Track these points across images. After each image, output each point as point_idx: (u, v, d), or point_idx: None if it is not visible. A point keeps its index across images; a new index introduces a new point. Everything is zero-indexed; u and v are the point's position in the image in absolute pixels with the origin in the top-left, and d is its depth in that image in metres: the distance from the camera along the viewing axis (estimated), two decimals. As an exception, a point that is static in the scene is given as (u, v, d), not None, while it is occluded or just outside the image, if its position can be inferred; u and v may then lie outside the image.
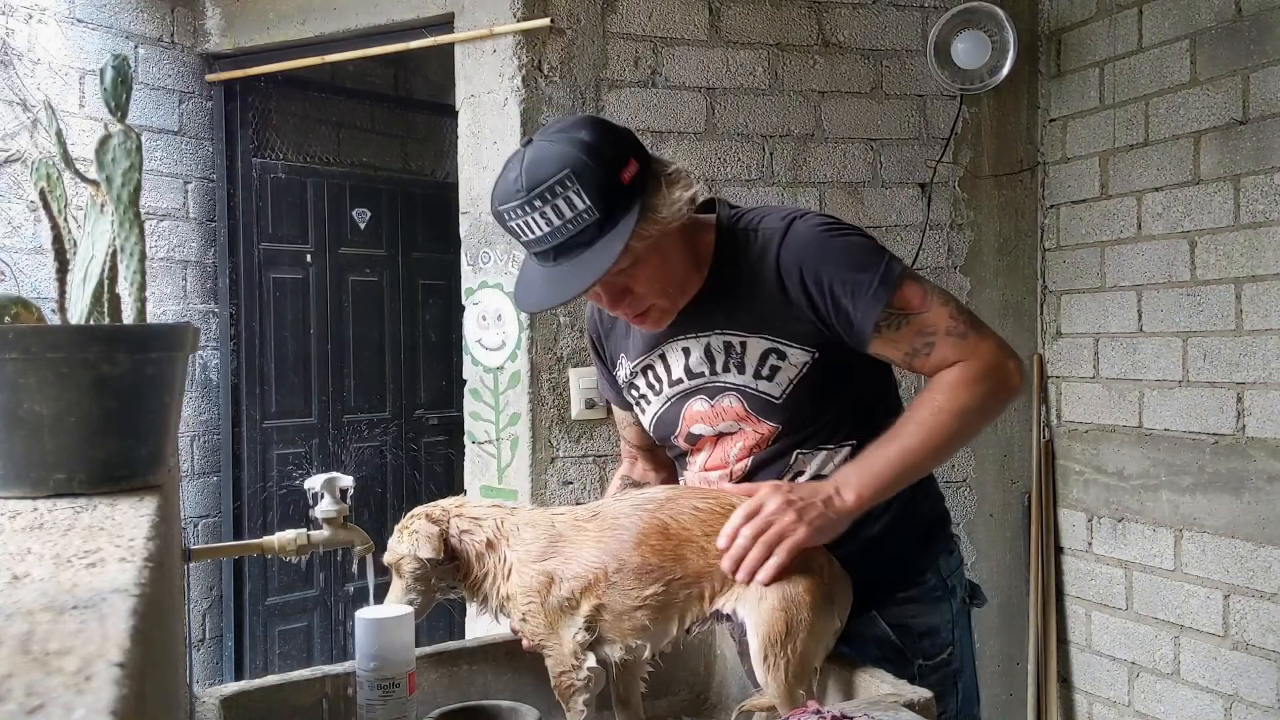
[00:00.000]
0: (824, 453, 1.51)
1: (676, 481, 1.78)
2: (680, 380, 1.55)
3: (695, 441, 1.57)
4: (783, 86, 3.10)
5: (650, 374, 1.59)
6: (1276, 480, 2.69)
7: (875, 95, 3.18)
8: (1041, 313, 3.39)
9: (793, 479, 1.50)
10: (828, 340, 1.46)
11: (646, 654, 1.39)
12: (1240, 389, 2.78)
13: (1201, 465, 2.88)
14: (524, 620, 1.39)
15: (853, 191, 3.16)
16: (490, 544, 1.41)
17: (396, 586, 1.44)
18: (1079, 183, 3.25)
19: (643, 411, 1.63)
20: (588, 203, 1.32)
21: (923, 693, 1.31)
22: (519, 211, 1.35)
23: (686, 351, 1.53)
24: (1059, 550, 3.35)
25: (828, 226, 1.47)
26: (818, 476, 1.50)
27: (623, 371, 1.63)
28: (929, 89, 3.20)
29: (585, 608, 1.36)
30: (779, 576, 1.30)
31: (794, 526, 1.31)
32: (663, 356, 1.56)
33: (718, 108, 3.05)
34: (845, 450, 1.51)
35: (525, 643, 1.44)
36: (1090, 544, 3.25)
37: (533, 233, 1.36)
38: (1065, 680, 3.34)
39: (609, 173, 1.33)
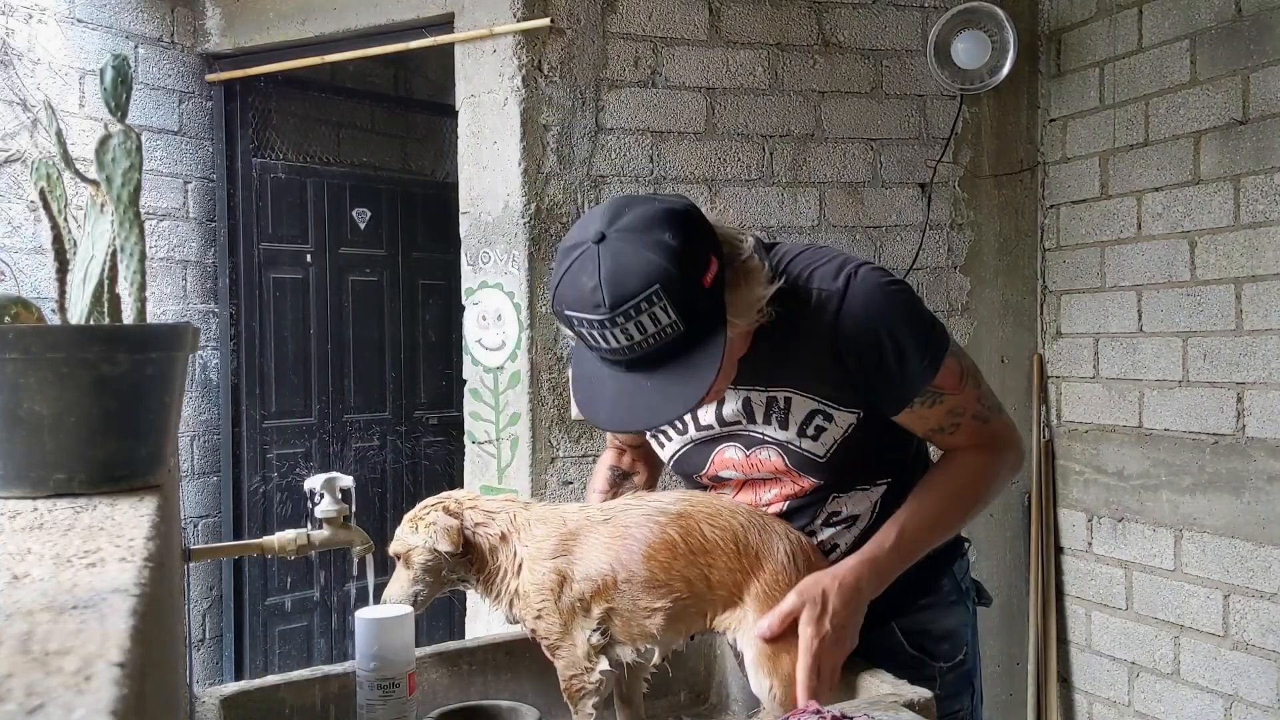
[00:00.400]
0: (860, 492, 1.49)
1: (659, 475, 1.76)
2: (710, 426, 1.49)
3: (721, 481, 1.54)
4: (783, 86, 3.10)
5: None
6: (1276, 480, 2.69)
7: (875, 95, 3.18)
8: (1041, 313, 3.39)
9: (827, 519, 1.49)
10: (872, 400, 1.43)
11: (656, 658, 1.39)
12: (1240, 389, 2.78)
13: (1201, 465, 2.88)
14: (538, 618, 1.39)
15: (853, 191, 3.16)
16: (503, 538, 1.41)
17: (402, 577, 1.43)
18: (1079, 183, 3.25)
19: (660, 446, 1.57)
20: (673, 317, 1.21)
21: (923, 693, 1.31)
22: (596, 325, 1.22)
23: (720, 400, 1.47)
24: (1059, 550, 3.35)
25: (887, 287, 1.40)
26: (851, 517, 1.48)
27: None
28: (929, 89, 3.20)
29: (597, 611, 1.36)
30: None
31: (841, 653, 1.34)
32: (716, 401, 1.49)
33: (718, 108, 3.05)
34: (881, 488, 1.49)
35: (532, 636, 1.44)
36: (1090, 544, 3.25)
37: (606, 344, 1.24)
38: (1065, 680, 3.34)
39: (694, 281, 1.22)
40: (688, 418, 1.51)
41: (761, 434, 1.46)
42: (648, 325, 1.21)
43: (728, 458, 1.50)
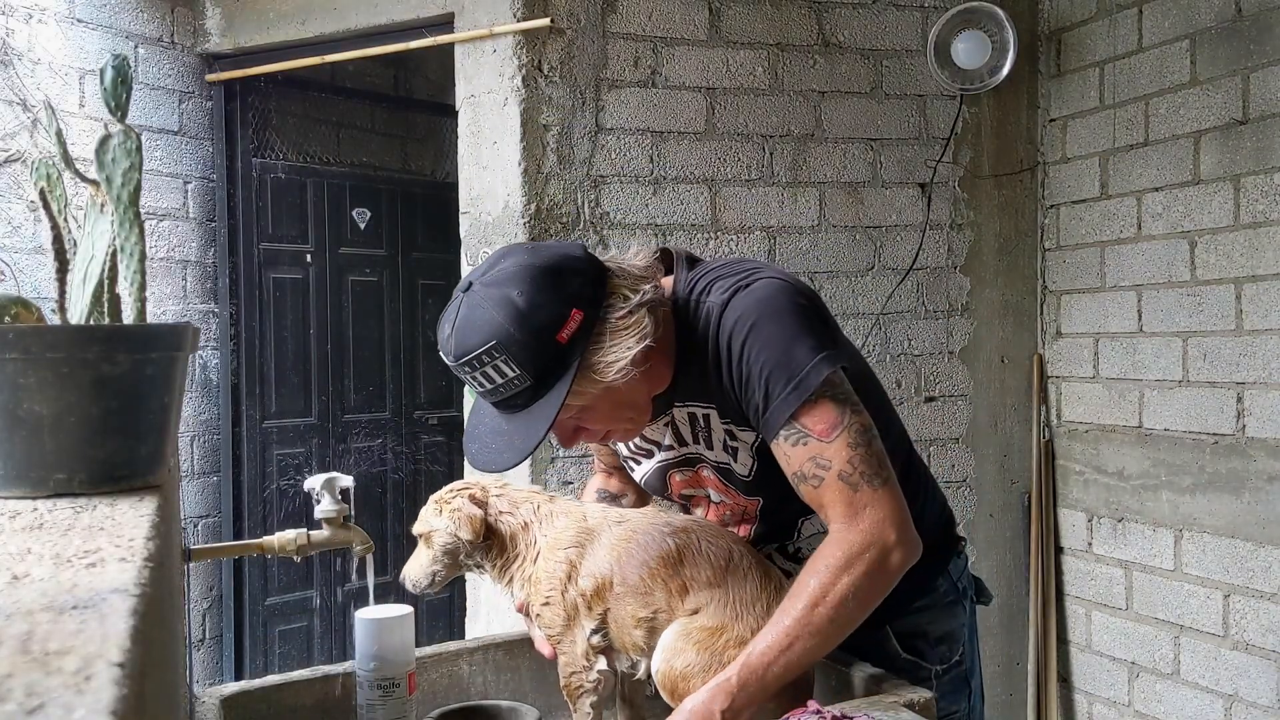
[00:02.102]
0: None
1: (649, 498, 1.75)
2: (671, 447, 1.51)
3: (689, 499, 1.56)
4: (783, 86, 3.10)
5: (630, 443, 1.55)
6: (1276, 480, 2.69)
7: (875, 95, 3.18)
8: (1041, 313, 3.39)
9: (810, 537, 1.49)
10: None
11: (641, 672, 1.39)
12: (1240, 389, 2.78)
13: (1201, 465, 2.88)
14: (546, 604, 1.39)
15: (853, 191, 3.16)
16: (525, 526, 1.42)
17: (422, 556, 1.44)
18: (1079, 183, 3.25)
19: (632, 470, 1.60)
20: (517, 371, 1.26)
21: (923, 693, 1.31)
22: (460, 371, 1.29)
23: (669, 423, 1.48)
24: (1059, 550, 3.35)
25: (770, 302, 1.34)
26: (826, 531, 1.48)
27: None
28: (929, 89, 3.20)
29: (597, 610, 1.37)
30: None
31: None
32: (665, 424, 1.50)
33: (718, 108, 3.04)
34: None
35: (537, 636, 1.44)
36: (1090, 544, 3.25)
37: (476, 386, 1.31)
38: (1065, 680, 3.34)
39: (541, 338, 1.25)
40: (652, 442, 1.52)
41: (696, 454, 1.48)
42: (494, 376, 1.27)
43: (679, 480, 1.52)
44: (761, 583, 1.34)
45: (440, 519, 1.42)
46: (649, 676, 1.38)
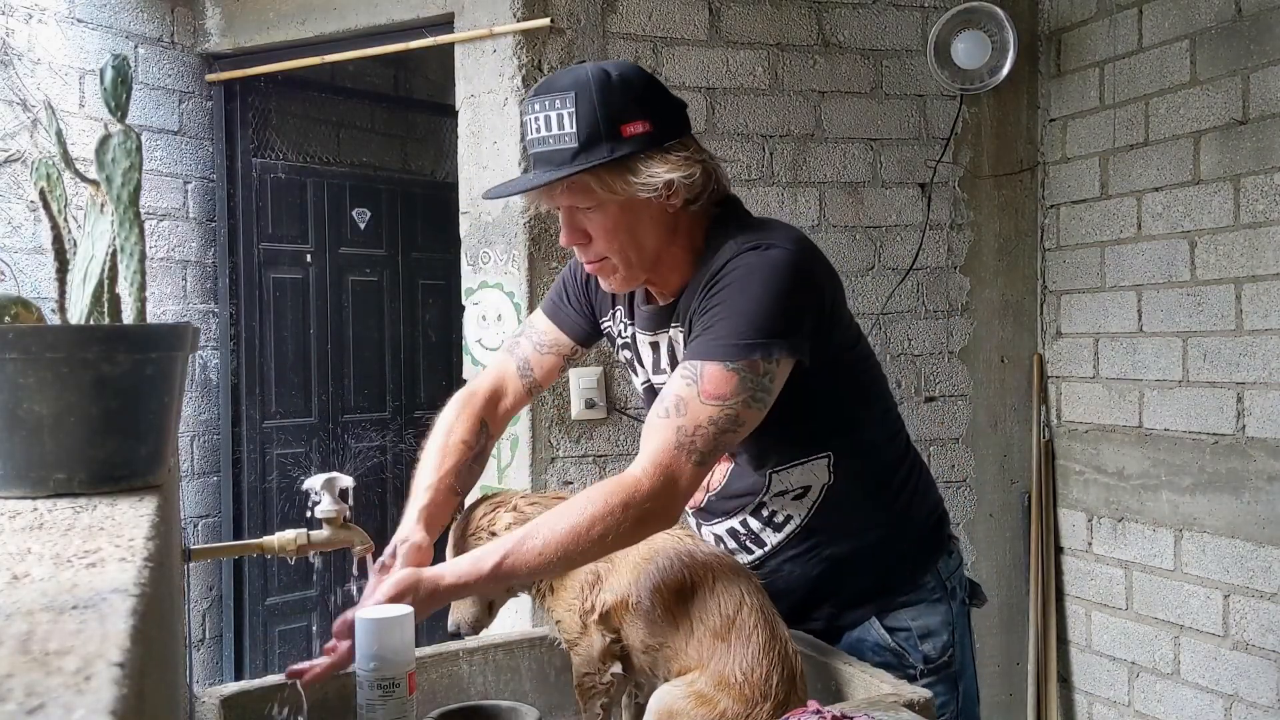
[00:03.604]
0: (800, 467, 1.50)
1: (487, 441, 1.75)
2: (665, 371, 1.54)
3: None
4: (783, 86, 3.10)
5: (632, 352, 1.61)
6: (1276, 480, 2.69)
7: (875, 95, 3.18)
8: (1041, 313, 3.39)
9: (779, 493, 1.51)
10: None
11: (645, 694, 1.39)
12: (1240, 389, 2.78)
13: (1201, 465, 2.88)
14: (567, 611, 1.39)
15: (853, 191, 3.16)
16: None
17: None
18: (1079, 183, 3.25)
19: (632, 378, 1.65)
20: (572, 129, 1.35)
21: (923, 693, 1.31)
22: (531, 103, 1.39)
23: (655, 346, 1.55)
24: (1059, 550, 3.35)
25: (771, 268, 1.37)
26: (803, 489, 1.50)
27: (613, 325, 1.64)
28: (929, 89, 3.20)
29: (614, 622, 1.37)
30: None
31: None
32: (651, 345, 1.56)
33: (718, 108, 3.04)
34: (822, 461, 1.49)
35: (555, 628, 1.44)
36: (1090, 544, 3.25)
37: (531, 131, 1.40)
38: (1065, 680, 3.34)
39: (609, 115, 1.35)
40: (644, 360, 1.56)
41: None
42: (552, 124, 1.36)
43: None
44: (764, 647, 1.30)
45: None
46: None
